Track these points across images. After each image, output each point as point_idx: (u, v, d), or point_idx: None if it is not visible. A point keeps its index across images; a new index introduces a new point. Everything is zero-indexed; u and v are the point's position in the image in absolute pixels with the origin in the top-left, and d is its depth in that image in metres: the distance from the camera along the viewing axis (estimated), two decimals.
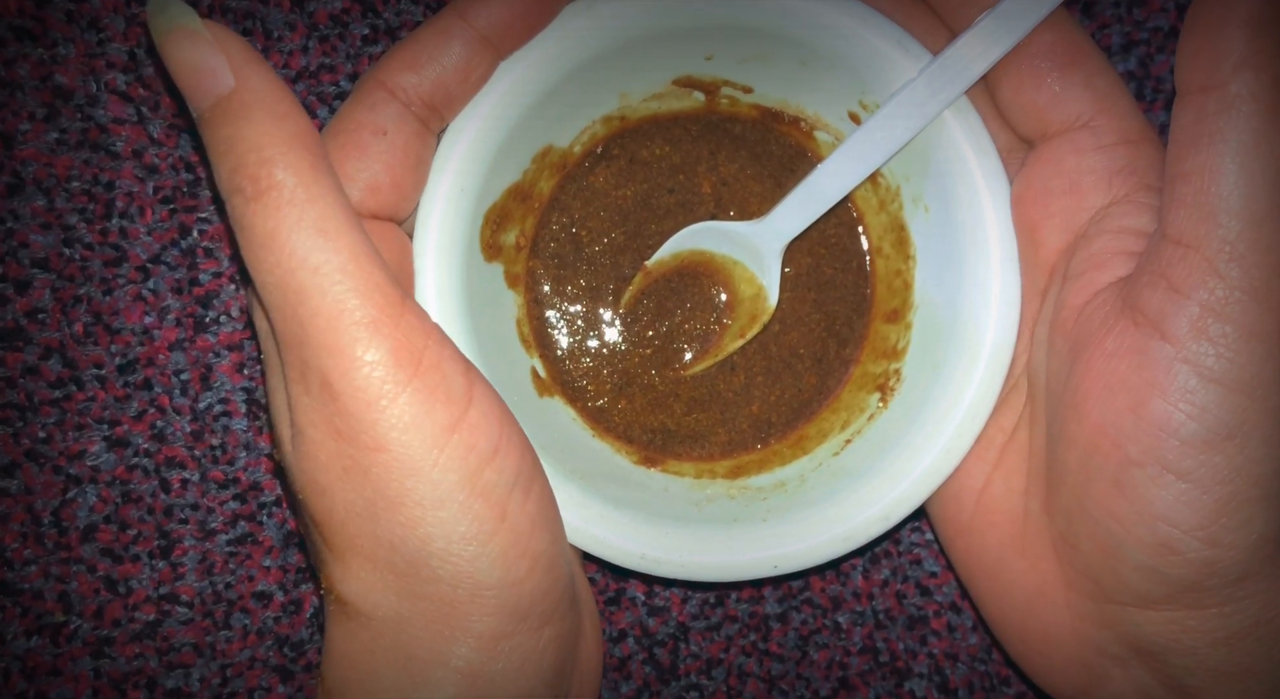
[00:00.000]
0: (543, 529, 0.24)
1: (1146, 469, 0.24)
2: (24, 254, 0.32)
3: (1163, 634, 0.25)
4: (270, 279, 0.22)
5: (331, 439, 0.23)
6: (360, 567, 0.24)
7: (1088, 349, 0.25)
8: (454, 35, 0.26)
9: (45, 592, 0.33)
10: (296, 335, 0.23)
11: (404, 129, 0.26)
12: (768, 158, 0.32)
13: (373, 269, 0.23)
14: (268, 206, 0.22)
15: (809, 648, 0.35)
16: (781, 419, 0.33)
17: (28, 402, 0.33)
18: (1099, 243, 0.26)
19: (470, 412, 0.23)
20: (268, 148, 0.22)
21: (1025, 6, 0.26)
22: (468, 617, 0.24)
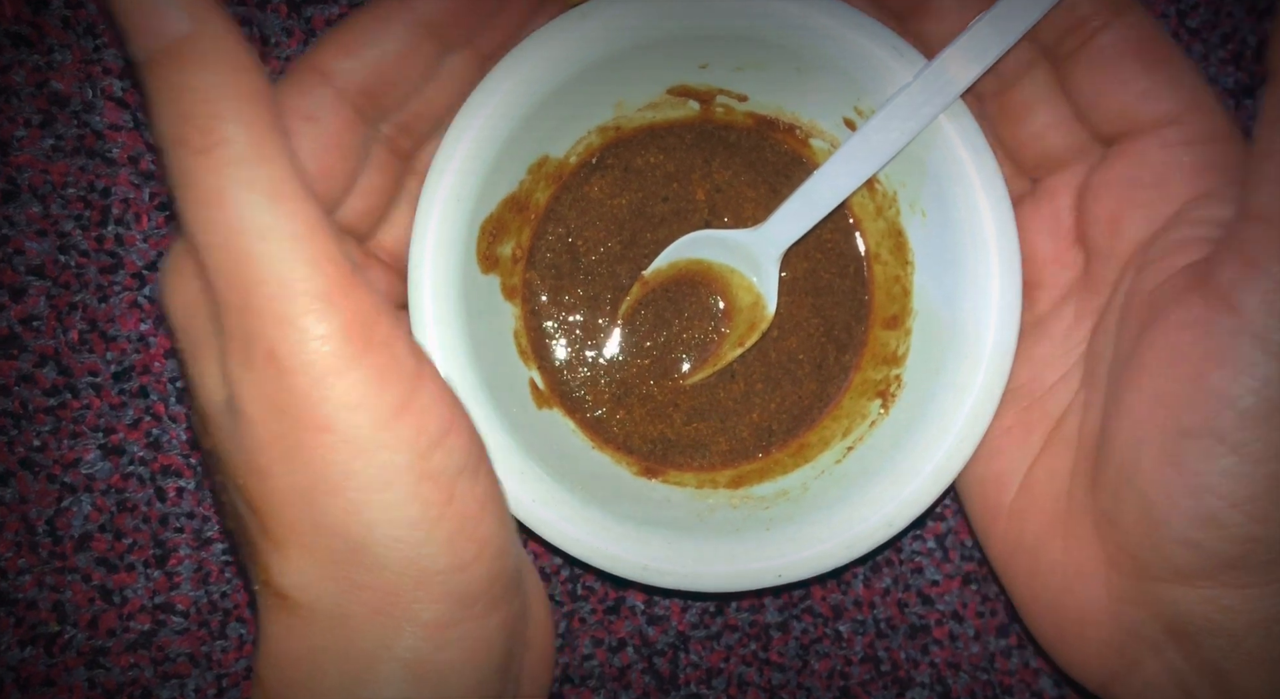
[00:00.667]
0: (490, 514, 0.24)
1: (1200, 440, 0.24)
2: (19, 261, 0.32)
3: (1200, 613, 0.25)
4: (214, 240, 0.21)
5: (274, 417, 0.22)
6: (299, 556, 0.23)
7: (1156, 323, 0.25)
8: (394, 21, 0.25)
9: (39, 601, 0.33)
10: (240, 304, 0.21)
11: (336, 117, 0.25)
12: (763, 165, 0.32)
13: (326, 238, 0.21)
14: (215, 162, 0.20)
15: (810, 657, 0.35)
16: (782, 427, 0.33)
17: (22, 409, 0.32)
18: (1181, 231, 0.26)
19: (420, 393, 0.22)
20: (222, 101, 0.21)
21: (1019, 10, 0.27)
22: (413, 604, 0.23)
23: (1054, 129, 0.29)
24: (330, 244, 0.22)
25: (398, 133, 0.27)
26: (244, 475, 0.23)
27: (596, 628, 0.34)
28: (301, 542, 0.23)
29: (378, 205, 0.28)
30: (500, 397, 0.29)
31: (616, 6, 0.27)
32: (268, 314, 0.21)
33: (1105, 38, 0.27)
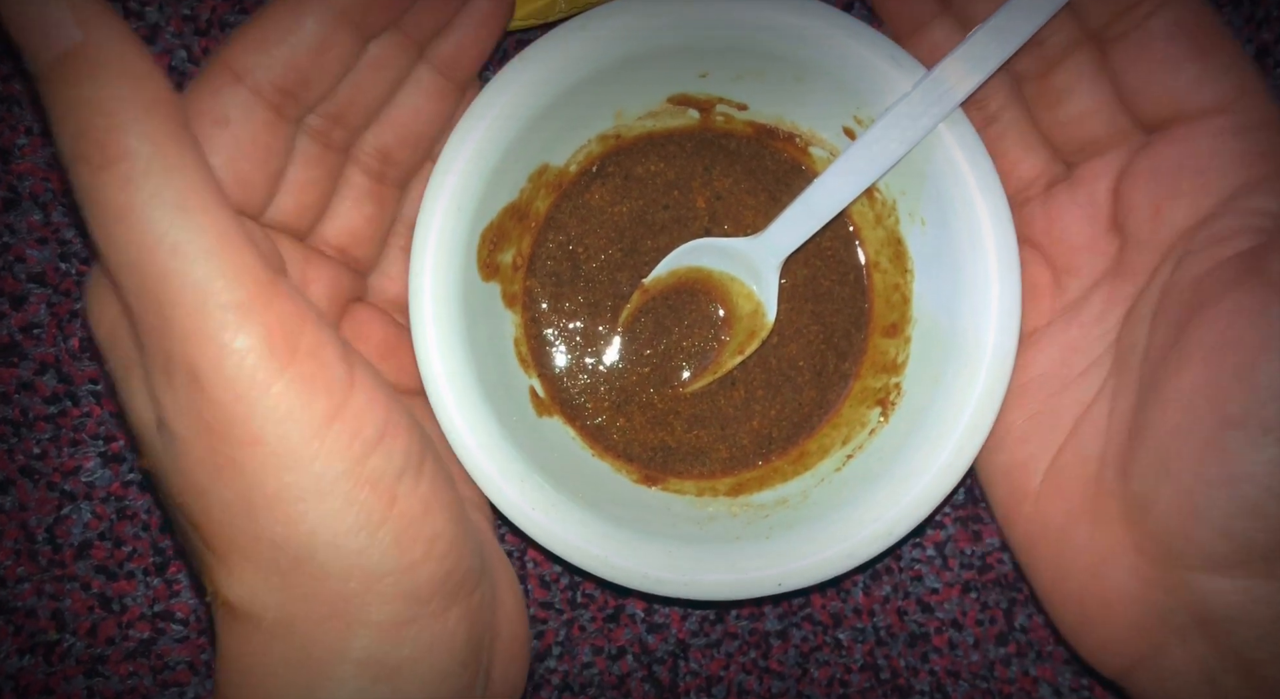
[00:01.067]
0: (438, 511, 0.23)
1: (1245, 429, 0.24)
2: (20, 269, 0.32)
3: (1230, 602, 0.25)
4: (124, 259, 0.20)
5: (203, 435, 0.21)
6: (243, 568, 0.22)
7: (1202, 311, 0.25)
8: (306, 11, 0.24)
9: (38, 609, 0.33)
10: (157, 322, 0.20)
11: (251, 118, 0.24)
12: (763, 173, 0.32)
13: (240, 248, 0.21)
14: (118, 177, 0.20)
15: (810, 665, 0.35)
16: (782, 434, 0.33)
17: (22, 417, 0.32)
18: (1227, 220, 0.26)
19: (353, 397, 0.22)
20: (119, 112, 0.20)
21: (1017, 20, 0.26)
22: (364, 608, 0.22)
23: (1095, 113, 0.28)
24: (246, 253, 0.21)
25: (328, 125, 0.26)
26: (181, 493, 0.23)
27: (596, 636, 0.34)
28: (244, 554, 0.22)
29: (314, 200, 0.27)
30: (500, 404, 0.29)
31: (616, 16, 0.27)
32: (186, 332, 0.20)
33: (1156, 22, 0.26)
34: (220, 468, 0.21)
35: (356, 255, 0.28)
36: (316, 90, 0.25)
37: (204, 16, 0.32)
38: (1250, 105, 0.26)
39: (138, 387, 0.23)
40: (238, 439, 0.21)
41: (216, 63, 0.24)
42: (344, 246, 0.28)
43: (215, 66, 0.24)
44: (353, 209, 0.28)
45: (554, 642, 0.34)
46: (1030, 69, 0.28)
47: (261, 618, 0.23)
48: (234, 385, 0.21)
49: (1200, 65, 0.26)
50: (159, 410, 0.22)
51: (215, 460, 0.21)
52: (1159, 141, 0.27)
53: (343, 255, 0.28)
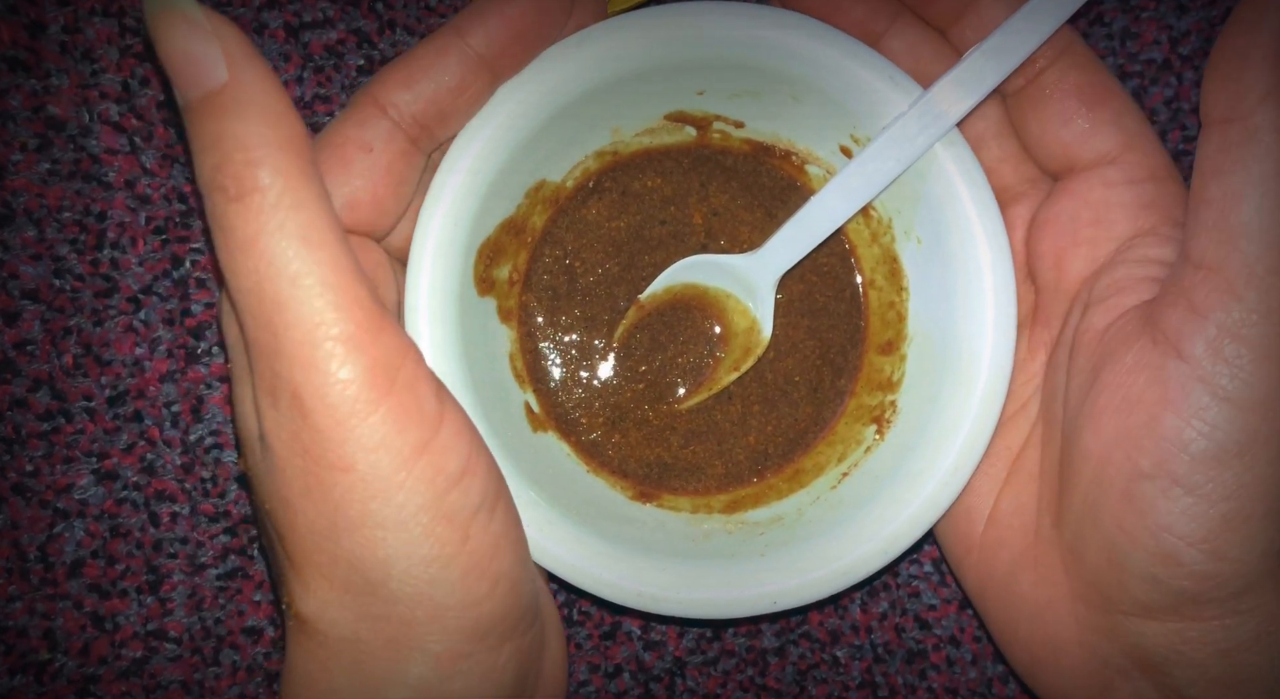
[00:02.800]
0: (506, 551, 0.24)
1: (1156, 481, 0.25)
2: (14, 285, 0.32)
3: (1164, 645, 0.26)
4: (247, 284, 0.22)
5: (298, 455, 0.22)
6: (319, 584, 0.23)
7: (1108, 365, 0.26)
8: (450, 53, 0.26)
9: (30, 629, 0.32)
10: (270, 345, 0.22)
11: (391, 147, 0.26)
12: (759, 189, 0.32)
13: (354, 283, 0.22)
14: (250, 209, 0.21)
15: (807, 683, 0.34)
16: (778, 451, 0.33)
17: (15, 434, 0.32)
18: (1124, 270, 0.27)
19: (441, 432, 0.23)
20: (257, 148, 0.21)
21: (1013, 41, 0.27)
22: (425, 637, 0.23)
23: (1005, 163, 0.30)
24: (359, 288, 0.22)
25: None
26: (271, 502, 0.24)
27: (592, 653, 0.34)
28: (321, 572, 0.23)
29: None
30: (495, 420, 0.29)
31: (613, 34, 0.27)
32: (295, 357, 0.22)
33: (1048, 76, 0.27)
34: (310, 488, 0.23)
35: None
36: (451, 127, 0.27)
37: None
38: (1139, 156, 0.27)
39: (246, 395, 0.24)
40: (331, 463, 0.22)
41: (364, 96, 0.26)
42: None
43: (363, 99, 0.26)
44: None
45: (568, 665, 0.34)
46: None
47: (328, 634, 0.24)
48: (335, 412, 0.22)
49: (1090, 118, 0.27)
50: (261, 424, 0.23)
51: (306, 480, 0.22)
52: (1058, 192, 0.28)
53: None
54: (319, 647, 0.24)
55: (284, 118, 0.22)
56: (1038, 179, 0.29)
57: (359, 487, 0.22)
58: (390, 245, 0.28)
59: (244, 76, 0.22)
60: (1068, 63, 0.27)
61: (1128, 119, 0.27)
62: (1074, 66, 0.27)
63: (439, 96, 0.26)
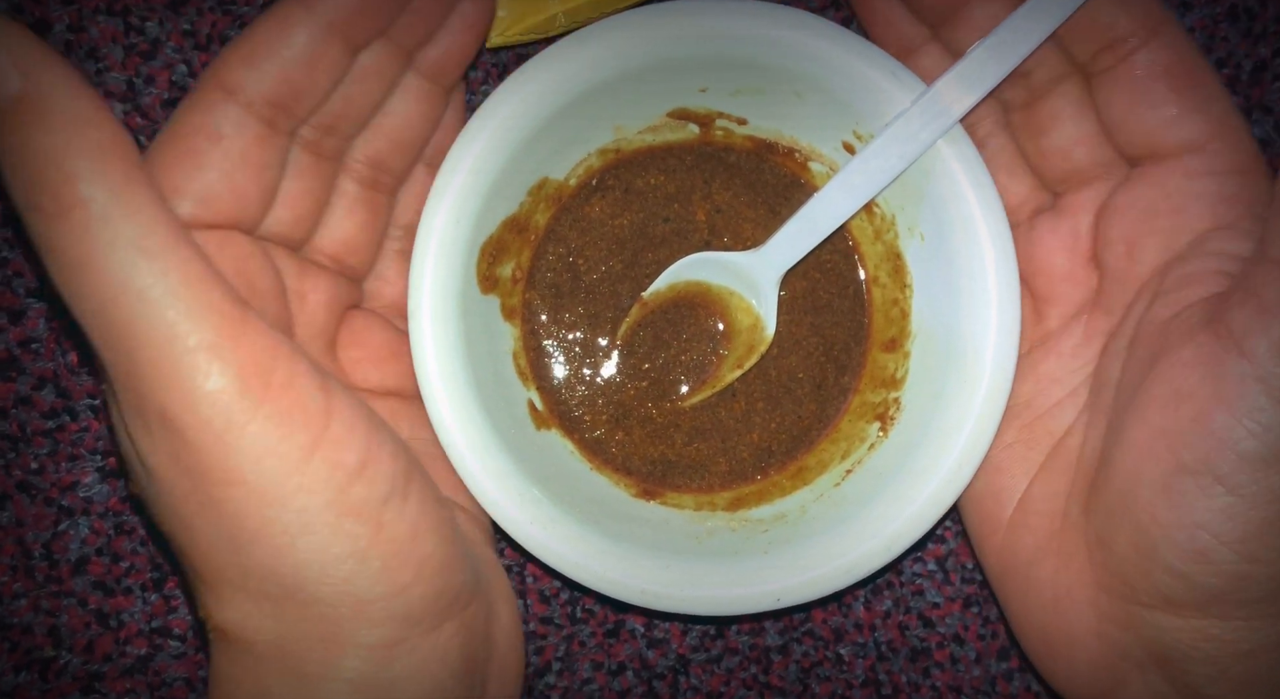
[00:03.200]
0: (426, 532, 0.23)
1: (1198, 478, 0.24)
2: (18, 283, 0.32)
3: (1187, 641, 0.25)
4: (89, 307, 0.20)
5: (182, 476, 0.21)
6: (233, 596, 0.22)
7: (1165, 357, 0.25)
8: (295, 24, 0.24)
9: (35, 626, 0.32)
10: (126, 368, 0.20)
11: (244, 132, 0.24)
12: (762, 186, 0.32)
13: (206, 286, 0.20)
14: (75, 226, 0.19)
15: (811, 681, 0.34)
16: (782, 448, 0.33)
17: (20, 432, 0.32)
18: (1197, 262, 0.26)
19: (331, 426, 0.22)
20: (69, 159, 0.19)
21: (1017, 36, 0.27)
22: (354, 631, 0.23)
23: (1080, 145, 0.28)
24: (212, 291, 0.21)
25: (319, 135, 0.26)
26: (167, 524, 0.23)
27: (596, 651, 0.34)
28: (233, 585, 0.22)
29: (308, 211, 0.27)
30: (498, 418, 0.29)
31: (615, 32, 0.27)
32: (155, 377, 0.20)
33: (1139, 58, 0.26)
34: (203, 506, 0.21)
35: (351, 263, 0.28)
36: (308, 103, 0.25)
37: (204, 31, 0.32)
38: (1225, 147, 0.26)
39: (120, 416, 0.23)
40: (218, 480, 0.21)
41: (208, 79, 0.24)
42: (338, 255, 0.28)
43: (207, 83, 0.24)
44: (345, 218, 0.28)
45: (554, 657, 0.34)
46: (1016, 98, 0.29)
47: (254, 641, 0.23)
48: (209, 427, 0.21)
49: (1178, 104, 0.26)
50: (136, 450, 0.22)
51: (197, 499, 0.21)
52: (1136, 178, 0.28)
53: (337, 264, 0.28)
54: (244, 654, 0.23)
55: (94, 120, 0.20)
56: (1113, 163, 0.28)
57: (253, 498, 0.21)
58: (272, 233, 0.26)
59: (41, 81, 0.19)
60: (1160, 44, 0.26)
61: (1216, 107, 0.26)
62: (1167, 48, 0.26)
63: (288, 72, 0.24)
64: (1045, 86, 0.28)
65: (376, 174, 0.28)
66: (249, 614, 0.23)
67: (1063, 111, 0.28)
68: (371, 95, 0.26)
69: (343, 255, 0.28)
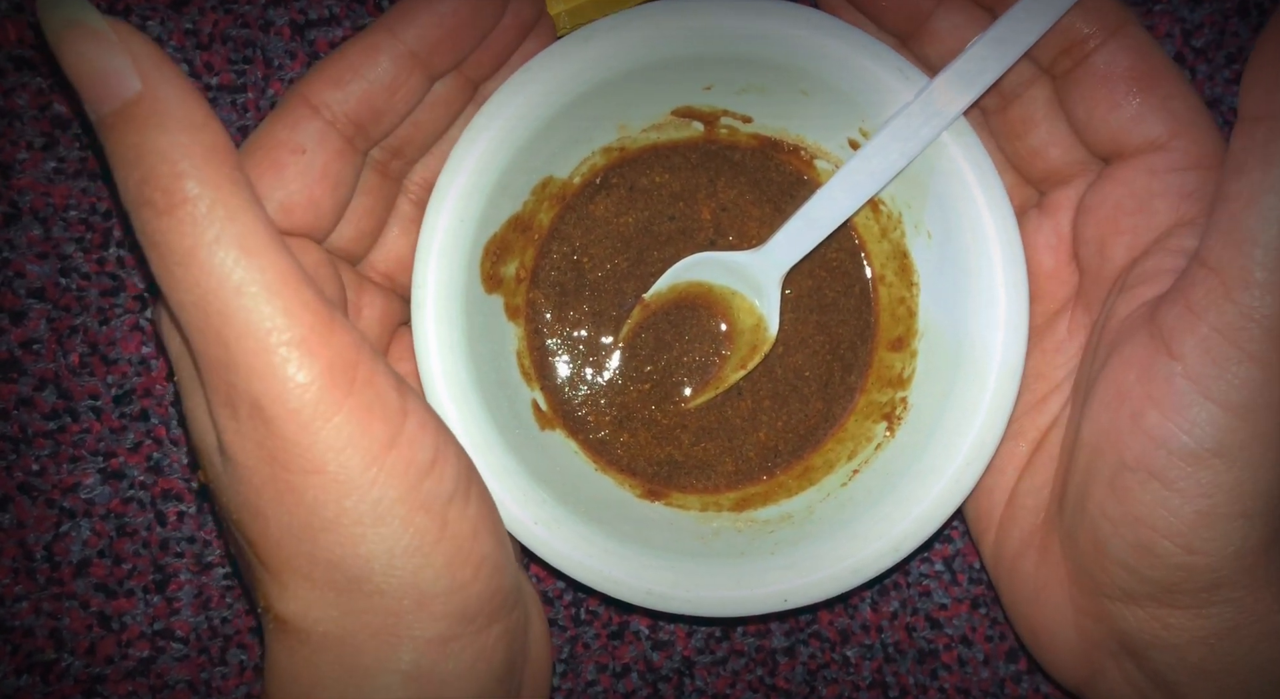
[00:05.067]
0: (485, 533, 0.24)
1: (1137, 474, 0.25)
2: (20, 284, 0.32)
3: (1146, 630, 0.26)
4: (189, 298, 0.21)
5: (265, 463, 0.22)
6: (298, 585, 0.23)
7: (1113, 355, 0.26)
8: (382, 51, 0.25)
9: (36, 628, 0.32)
10: (221, 358, 0.22)
11: (325, 148, 0.25)
12: (767, 184, 0.32)
13: (299, 286, 0.22)
14: (183, 222, 0.21)
15: (817, 683, 0.34)
16: (789, 447, 0.32)
17: (21, 434, 0.32)
18: (1154, 260, 0.27)
19: (407, 425, 0.23)
20: (181, 159, 0.21)
21: (1016, 31, 0.27)
22: (414, 625, 0.24)
23: (1054, 146, 0.29)
24: (305, 290, 0.22)
25: (388, 157, 0.28)
26: (239, 512, 0.23)
27: (600, 653, 0.34)
28: (299, 573, 0.23)
29: (370, 229, 0.28)
30: (502, 418, 0.29)
31: (619, 30, 0.27)
32: (249, 367, 0.21)
33: (1099, 57, 0.27)
34: (281, 493, 0.22)
35: (403, 282, 0.30)
36: (385, 125, 0.26)
37: (206, 31, 0.32)
38: (1188, 143, 0.27)
39: (200, 407, 0.24)
40: (300, 467, 0.22)
41: (295, 95, 0.25)
42: (391, 273, 0.30)
43: (293, 99, 0.25)
44: (401, 237, 0.29)
45: (558, 659, 0.34)
46: (990, 103, 0.29)
47: (312, 631, 0.24)
48: (297, 417, 0.22)
49: (1139, 101, 0.27)
50: (220, 437, 0.23)
51: (276, 486, 0.22)
52: (1105, 177, 0.28)
53: (390, 281, 0.30)
54: (301, 644, 0.24)
55: (205, 125, 0.21)
56: (1088, 161, 0.29)
57: (332, 487, 0.22)
58: (336, 247, 0.28)
59: (158, 86, 0.21)
60: (1119, 44, 0.27)
61: (1178, 103, 0.27)
62: (1125, 48, 0.27)
63: (372, 95, 0.25)
64: (1015, 90, 0.29)
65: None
66: (311, 604, 0.23)
67: (1034, 114, 0.29)
68: (439, 122, 0.28)
69: (395, 272, 0.30)
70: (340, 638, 0.24)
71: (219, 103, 0.33)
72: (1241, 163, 0.24)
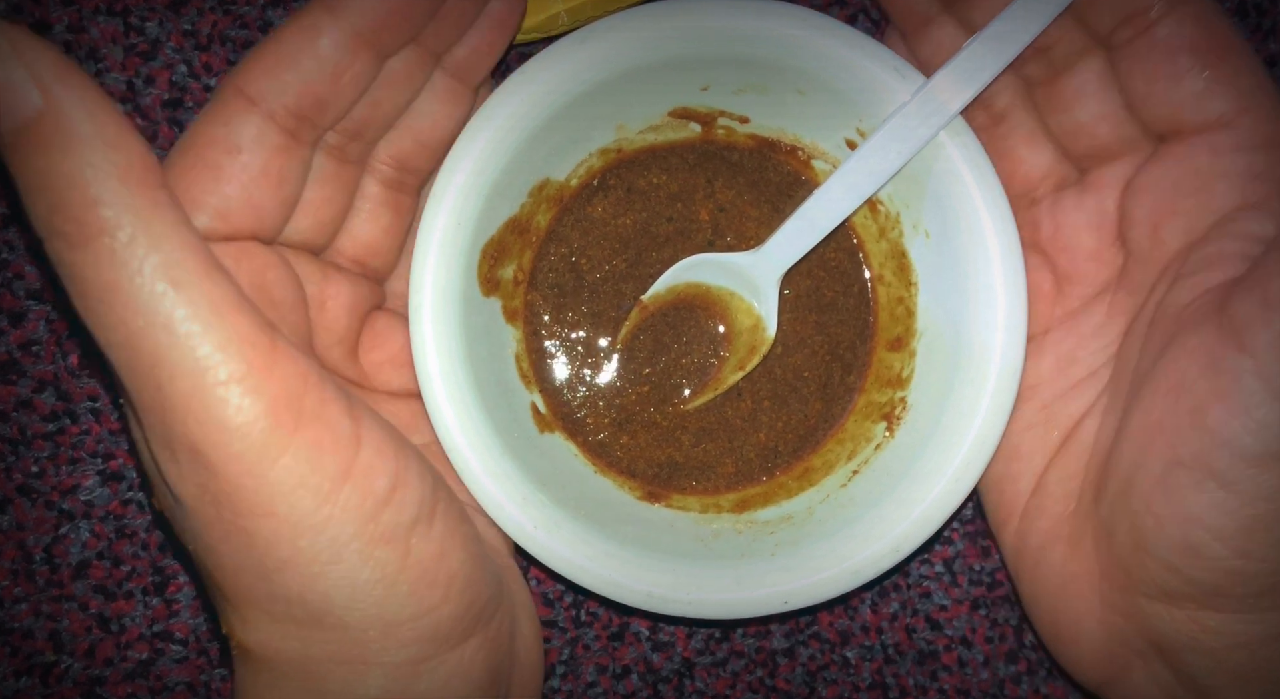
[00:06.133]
0: (454, 550, 0.23)
1: (1193, 472, 0.24)
2: (19, 286, 0.32)
3: (1183, 631, 0.25)
4: (115, 338, 0.19)
5: (209, 506, 0.21)
6: (259, 619, 0.22)
7: (1174, 345, 0.25)
8: (320, 33, 0.23)
9: (35, 630, 0.32)
10: (154, 402, 0.20)
11: (264, 145, 0.23)
12: (765, 184, 0.32)
13: (236, 316, 0.20)
14: (99, 254, 0.19)
15: (817, 684, 0.34)
16: (788, 448, 0.32)
17: (20, 435, 0.32)
18: (1219, 244, 0.25)
19: (361, 453, 0.22)
20: (92, 183, 0.18)
21: (1014, 30, 0.26)
22: (381, 652, 0.23)
23: (1104, 121, 0.27)
24: (242, 319, 0.20)
25: (344, 140, 0.26)
26: (193, 544, 0.22)
27: (600, 654, 0.34)
28: (259, 608, 0.22)
29: (331, 217, 0.26)
30: (501, 421, 0.29)
31: (616, 30, 0.27)
32: (185, 410, 0.20)
33: (1162, 29, 0.25)
34: (230, 534, 0.21)
35: (374, 265, 0.28)
36: (333, 113, 0.24)
37: (205, 31, 0.32)
38: (1254, 121, 0.25)
39: (143, 437, 0.22)
40: (249, 512, 0.21)
41: (228, 88, 0.23)
42: (361, 257, 0.28)
43: (227, 92, 0.23)
44: (369, 220, 0.28)
45: (557, 661, 0.34)
46: (1038, 74, 0.28)
47: (276, 660, 0.23)
48: (241, 461, 0.20)
49: (1204, 77, 0.25)
50: (163, 476, 0.21)
51: (224, 528, 0.21)
52: (1162, 155, 0.27)
53: (360, 266, 0.28)
54: (267, 671, 0.23)
55: (119, 141, 0.19)
56: (1139, 139, 0.27)
57: (284, 529, 0.21)
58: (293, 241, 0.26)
59: (62, 100, 0.18)
60: (1184, 14, 0.25)
61: (1245, 79, 0.25)
62: (1191, 18, 0.25)
63: (313, 83, 0.23)
64: (1066, 61, 0.27)
65: (401, 175, 0.28)
66: (274, 635, 0.22)
67: (1085, 87, 0.27)
68: (398, 99, 0.26)
69: (365, 257, 0.28)
70: (304, 666, 0.23)
71: None
72: None
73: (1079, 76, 0.27)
